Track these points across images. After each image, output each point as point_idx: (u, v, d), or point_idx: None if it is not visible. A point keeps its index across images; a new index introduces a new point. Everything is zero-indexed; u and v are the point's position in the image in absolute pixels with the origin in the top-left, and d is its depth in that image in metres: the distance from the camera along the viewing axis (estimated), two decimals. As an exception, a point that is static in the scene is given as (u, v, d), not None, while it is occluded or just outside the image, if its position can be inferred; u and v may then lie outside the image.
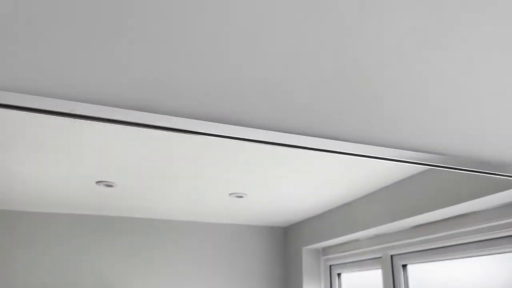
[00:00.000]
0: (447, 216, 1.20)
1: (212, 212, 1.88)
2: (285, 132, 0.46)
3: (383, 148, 0.52)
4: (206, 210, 1.85)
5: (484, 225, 1.10)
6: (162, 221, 1.98)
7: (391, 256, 1.50)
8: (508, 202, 1.04)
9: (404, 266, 1.45)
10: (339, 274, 1.88)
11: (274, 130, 0.46)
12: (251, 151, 1.17)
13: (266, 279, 2.08)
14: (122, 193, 1.59)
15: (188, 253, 1.98)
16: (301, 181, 1.44)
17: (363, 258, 1.67)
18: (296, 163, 1.26)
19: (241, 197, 1.66)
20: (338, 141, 0.49)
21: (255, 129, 0.47)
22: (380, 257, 1.55)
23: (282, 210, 1.87)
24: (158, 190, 1.55)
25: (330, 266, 1.92)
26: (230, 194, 1.61)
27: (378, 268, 1.58)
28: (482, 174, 0.61)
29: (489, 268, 1.19)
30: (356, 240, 1.68)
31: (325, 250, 1.95)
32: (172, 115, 0.43)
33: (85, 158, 1.22)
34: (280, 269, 2.11)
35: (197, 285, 1.95)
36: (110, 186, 1.50)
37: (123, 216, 1.91)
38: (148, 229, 1.95)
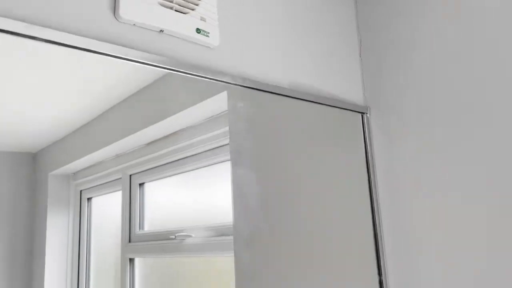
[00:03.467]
0: (167, 133, 1.19)
1: None
2: None
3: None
4: None
5: (196, 139, 1.12)
6: None
7: (130, 175, 1.46)
8: (216, 114, 1.07)
9: (141, 184, 1.44)
10: (89, 199, 1.79)
11: None
12: None
13: (8, 213, 1.84)
14: None
15: None
16: (40, 93, 1.24)
17: (107, 180, 1.60)
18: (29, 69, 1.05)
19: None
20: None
21: None
22: (120, 178, 1.50)
23: (26, 131, 1.63)
24: None
25: (81, 191, 1.81)
26: None
27: (120, 190, 1.53)
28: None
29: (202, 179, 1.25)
30: (100, 162, 1.59)
31: (76, 175, 1.82)
32: None
33: None
34: (26, 200, 1.89)
35: None
36: None
37: None
38: None
